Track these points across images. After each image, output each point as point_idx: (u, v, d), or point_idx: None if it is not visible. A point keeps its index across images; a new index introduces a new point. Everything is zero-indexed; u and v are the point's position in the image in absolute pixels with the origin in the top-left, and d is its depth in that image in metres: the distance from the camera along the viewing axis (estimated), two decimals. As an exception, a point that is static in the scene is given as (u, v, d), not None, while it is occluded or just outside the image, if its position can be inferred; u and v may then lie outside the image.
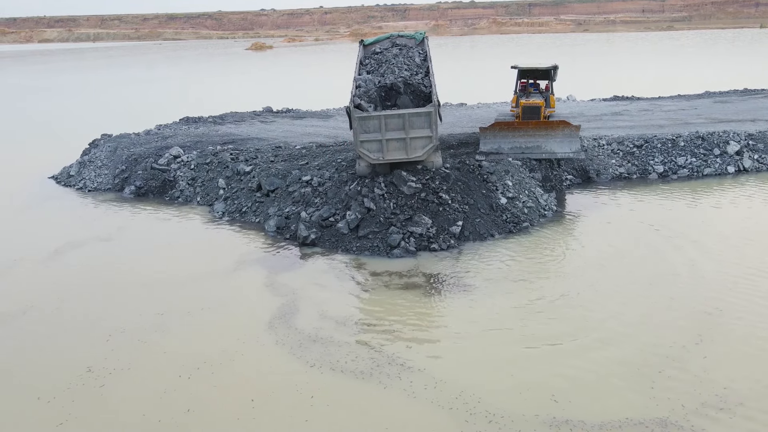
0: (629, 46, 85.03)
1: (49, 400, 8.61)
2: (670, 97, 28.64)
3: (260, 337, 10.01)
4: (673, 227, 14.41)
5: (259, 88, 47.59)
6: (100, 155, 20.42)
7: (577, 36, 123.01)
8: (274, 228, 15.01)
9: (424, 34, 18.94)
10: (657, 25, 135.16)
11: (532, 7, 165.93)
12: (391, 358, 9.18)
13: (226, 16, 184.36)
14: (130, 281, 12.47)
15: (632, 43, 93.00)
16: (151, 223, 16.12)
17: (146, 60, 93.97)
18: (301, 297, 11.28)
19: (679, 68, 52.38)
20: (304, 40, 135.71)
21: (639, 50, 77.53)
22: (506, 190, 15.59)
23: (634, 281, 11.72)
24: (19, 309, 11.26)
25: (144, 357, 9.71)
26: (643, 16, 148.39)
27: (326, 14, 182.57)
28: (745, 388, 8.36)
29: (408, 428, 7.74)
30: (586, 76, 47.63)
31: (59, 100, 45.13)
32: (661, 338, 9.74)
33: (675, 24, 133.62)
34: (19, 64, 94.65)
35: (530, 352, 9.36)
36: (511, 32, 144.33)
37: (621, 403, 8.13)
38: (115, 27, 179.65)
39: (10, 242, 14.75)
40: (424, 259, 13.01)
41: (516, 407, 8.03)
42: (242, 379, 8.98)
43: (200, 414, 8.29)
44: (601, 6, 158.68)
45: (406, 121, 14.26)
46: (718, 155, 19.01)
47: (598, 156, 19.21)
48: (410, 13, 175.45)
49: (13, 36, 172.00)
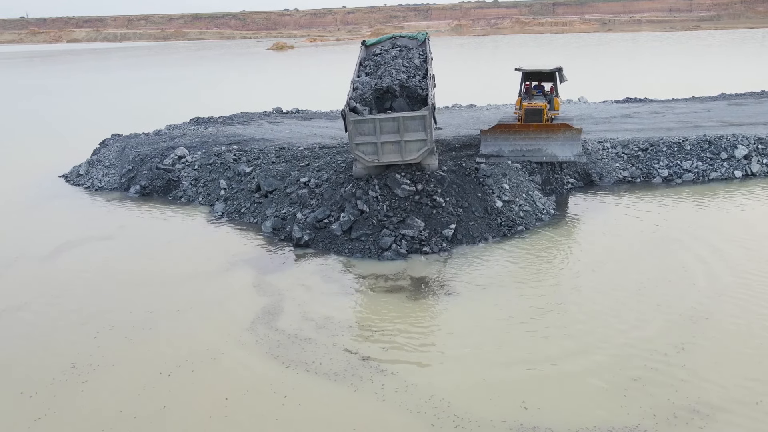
0: (653, 47, 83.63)
1: (31, 395, 8.87)
2: (684, 99, 28.15)
3: (242, 337, 10.18)
4: (669, 233, 14.22)
5: (273, 88, 48.02)
6: (108, 155, 20.86)
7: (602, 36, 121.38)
8: (270, 229, 15.18)
9: (426, 35, 18.94)
10: (683, 24, 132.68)
11: (556, 7, 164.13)
12: (366, 360, 9.26)
13: (250, 16, 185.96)
14: (125, 280, 12.75)
15: (657, 43, 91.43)
16: (152, 222, 16.43)
17: (169, 60, 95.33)
18: (286, 298, 11.43)
19: (698, 69, 51.40)
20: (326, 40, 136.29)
21: (662, 50, 76.25)
22: (502, 193, 15.54)
23: (622, 287, 11.60)
24: (12, 305, 11.61)
25: (129, 354, 9.94)
26: (670, 16, 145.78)
27: (349, 14, 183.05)
28: (719, 399, 8.25)
29: (374, 430, 7.80)
30: (603, 77, 47.04)
31: (79, 99, 46.08)
32: (642, 345, 9.65)
33: (702, 24, 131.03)
34: (47, 64, 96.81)
35: (505, 358, 9.34)
36: (535, 32, 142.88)
37: (591, 410, 8.09)
38: (141, 27, 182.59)
39: (13, 240, 15.17)
40: (414, 263, 13.04)
41: (484, 412, 8.04)
42: (219, 378, 9.15)
43: (175, 411, 8.47)
44: (627, 5, 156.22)
45: (400, 124, 14.30)
46: (725, 159, 18.66)
47: (601, 159, 19.01)
48: (433, 13, 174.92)
49: (43, 36, 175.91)
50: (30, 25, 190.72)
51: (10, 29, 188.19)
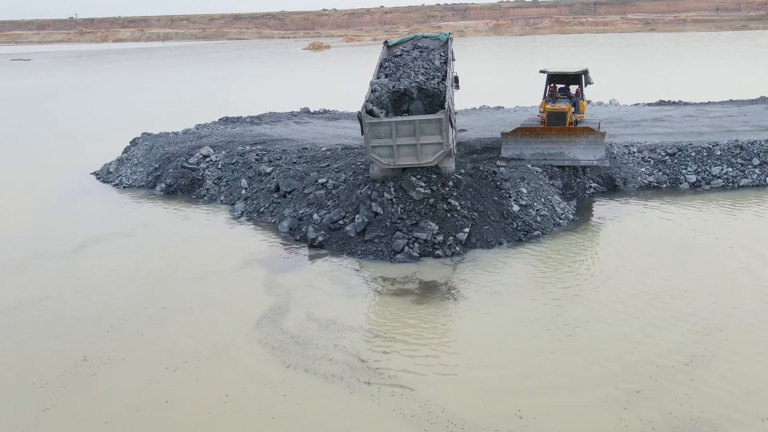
0: (696, 47, 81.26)
1: (42, 386, 9.21)
2: (720, 102, 27.29)
3: (247, 335, 10.36)
4: (690, 241, 13.83)
5: (303, 88, 48.48)
6: (137, 153, 21.44)
7: (644, 36, 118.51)
8: (286, 229, 15.37)
9: (448, 35, 18.84)
10: (730, 24, 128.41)
11: (597, 6, 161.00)
12: (365, 363, 9.31)
13: (289, 16, 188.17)
14: (143, 276, 13.10)
15: (700, 43, 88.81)
16: (174, 220, 16.82)
17: (208, 59, 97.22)
18: (293, 298, 11.57)
19: (742, 71, 49.67)
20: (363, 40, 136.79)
21: (706, 51, 73.98)
22: (520, 197, 15.37)
23: (635, 296, 11.34)
24: (32, 299, 12.06)
25: (139, 348, 10.22)
26: (717, 15, 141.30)
27: (386, 14, 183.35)
28: (722, 415, 7.99)
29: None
30: (638, 79, 45.96)
31: (122, 97, 47.42)
32: (650, 357, 9.43)
33: (750, 23, 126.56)
34: (95, 62, 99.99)
35: (505, 366, 9.24)
36: (574, 32, 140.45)
37: (587, 422, 7.95)
38: (183, 27, 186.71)
39: (40, 236, 15.73)
40: (425, 266, 13.02)
41: (479, 420, 7.98)
42: (222, 375, 9.33)
43: (177, 405, 8.68)
44: (671, 4, 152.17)
45: (416, 127, 14.26)
46: (757, 165, 18.03)
47: (626, 164, 18.60)
48: (471, 13, 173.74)
49: (90, 36, 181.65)
50: (78, 25, 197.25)
51: (60, 29, 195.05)
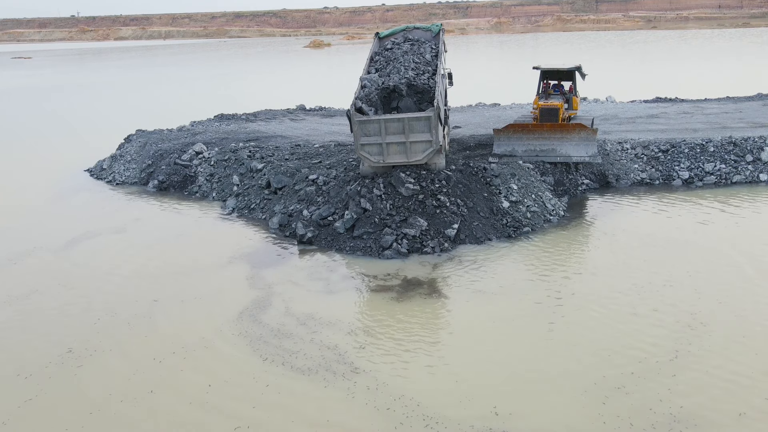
0: (697, 44, 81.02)
1: (27, 377, 9.26)
2: (717, 99, 27.20)
3: (228, 328, 10.42)
4: (678, 237, 13.80)
5: (300, 85, 48.48)
6: (130, 150, 21.47)
7: (646, 33, 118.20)
8: (277, 225, 15.37)
9: (440, 27, 18.74)
10: (732, 21, 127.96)
11: (599, 4, 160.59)
12: (341, 357, 9.33)
13: (290, 14, 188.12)
14: (133, 271, 13.13)
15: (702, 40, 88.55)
16: (166, 216, 16.84)
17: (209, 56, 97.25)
18: (274, 293, 11.65)
19: (741, 68, 49.51)
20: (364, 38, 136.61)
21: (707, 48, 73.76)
22: (510, 193, 15.34)
23: (622, 292, 11.32)
24: (22, 293, 12.11)
25: (126, 340, 10.27)
26: (719, 12, 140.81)
27: (388, 12, 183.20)
28: (702, 410, 7.97)
29: (338, 428, 7.85)
30: (636, 76, 45.84)
31: (120, 95, 47.48)
32: (634, 352, 9.41)
33: (753, 21, 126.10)
34: (99, 60, 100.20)
35: (483, 361, 9.23)
36: (576, 30, 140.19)
37: (564, 417, 7.93)
38: (185, 25, 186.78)
39: (32, 231, 15.79)
40: (411, 262, 13.01)
41: (454, 415, 7.97)
42: (207, 366, 9.39)
43: (160, 395, 8.75)
44: (674, 2, 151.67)
45: (405, 125, 14.21)
46: (750, 162, 17.98)
47: (619, 160, 18.56)
48: (472, 10, 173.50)
49: (92, 34, 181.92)
50: (80, 23, 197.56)
51: (62, 27, 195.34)
